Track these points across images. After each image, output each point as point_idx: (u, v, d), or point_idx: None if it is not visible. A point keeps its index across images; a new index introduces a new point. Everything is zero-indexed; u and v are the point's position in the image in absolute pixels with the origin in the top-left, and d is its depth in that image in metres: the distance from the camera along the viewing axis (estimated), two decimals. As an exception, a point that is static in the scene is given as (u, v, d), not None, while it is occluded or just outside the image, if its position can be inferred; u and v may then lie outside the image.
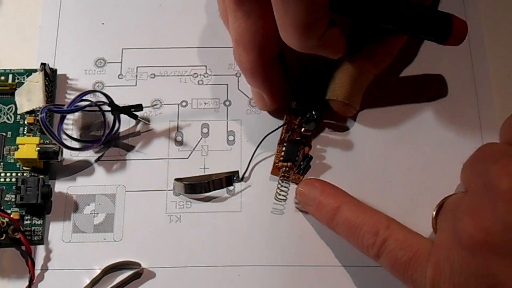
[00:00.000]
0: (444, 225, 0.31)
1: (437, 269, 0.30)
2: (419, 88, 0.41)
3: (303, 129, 0.38)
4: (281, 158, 0.38)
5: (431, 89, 0.41)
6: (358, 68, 0.37)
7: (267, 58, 0.35)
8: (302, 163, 0.38)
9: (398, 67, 0.41)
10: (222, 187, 0.38)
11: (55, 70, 0.41)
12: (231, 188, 0.38)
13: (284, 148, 0.38)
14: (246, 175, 0.39)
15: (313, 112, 0.37)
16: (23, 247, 0.36)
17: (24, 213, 0.37)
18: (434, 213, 0.32)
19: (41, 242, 0.37)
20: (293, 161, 0.38)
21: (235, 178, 0.38)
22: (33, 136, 0.39)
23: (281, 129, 0.38)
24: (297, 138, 0.38)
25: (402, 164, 0.39)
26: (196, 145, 0.40)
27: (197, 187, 0.37)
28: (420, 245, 0.31)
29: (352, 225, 0.34)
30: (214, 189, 0.38)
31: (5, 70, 0.40)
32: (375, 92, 0.40)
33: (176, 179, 0.38)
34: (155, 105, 0.40)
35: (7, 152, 0.39)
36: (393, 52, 0.38)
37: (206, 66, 0.41)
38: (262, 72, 0.36)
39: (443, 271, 0.29)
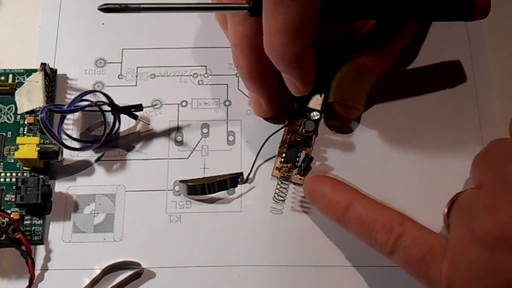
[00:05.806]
0: (459, 221, 0.31)
1: (453, 266, 0.30)
2: (419, 90, 0.41)
3: (303, 130, 0.38)
4: (282, 160, 0.38)
5: (431, 90, 0.41)
6: (360, 70, 0.37)
7: (265, 62, 0.35)
8: (302, 164, 0.38)
9: (398, 69, 0.41)
10: (227, 188, 0.38)
11: (55, 70, 0.41)
12: (231, 188, 0.38)
13: (285, 150, 0.38)
14: (251, 176, 0.38)
15: (313, 113, 0.37)
16: (23, 247, 0.36)
17: (24, 213, 0.37)
18: (446, 209, 0.32)
19: (41, 242, 0.37)
20: (293, 162, 0.38)
21: (239, 179, 0.38)
22: (33, 136, 0.39)
23: (283, 130, 0.38)
24: (298, 139, 0.38)
25: (402, 164, 0.39)
26: (196, 145, 0.40)
27: (202, 188, 0.37)
28: (435, 242, 0.31)
29: (364, 222, 0.33)
30: (219, 190, 0.38)
31: (5, 70, 0.40)
32: (375, 95, 0.40)
33: (180, 181, 0.38)
34: (155, 105, 0.40)
35: (7, 152, 0.39)
36: (395, 53, 0.38)
37: (206, 66, 0.41)
38: (259, 77, 0.36)
39: (459, 268, 0.29)
